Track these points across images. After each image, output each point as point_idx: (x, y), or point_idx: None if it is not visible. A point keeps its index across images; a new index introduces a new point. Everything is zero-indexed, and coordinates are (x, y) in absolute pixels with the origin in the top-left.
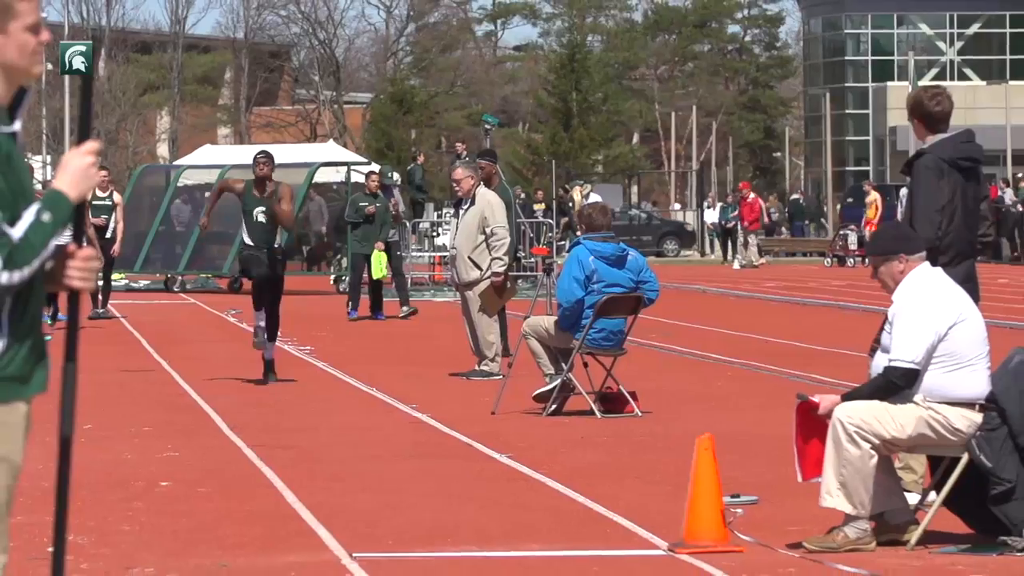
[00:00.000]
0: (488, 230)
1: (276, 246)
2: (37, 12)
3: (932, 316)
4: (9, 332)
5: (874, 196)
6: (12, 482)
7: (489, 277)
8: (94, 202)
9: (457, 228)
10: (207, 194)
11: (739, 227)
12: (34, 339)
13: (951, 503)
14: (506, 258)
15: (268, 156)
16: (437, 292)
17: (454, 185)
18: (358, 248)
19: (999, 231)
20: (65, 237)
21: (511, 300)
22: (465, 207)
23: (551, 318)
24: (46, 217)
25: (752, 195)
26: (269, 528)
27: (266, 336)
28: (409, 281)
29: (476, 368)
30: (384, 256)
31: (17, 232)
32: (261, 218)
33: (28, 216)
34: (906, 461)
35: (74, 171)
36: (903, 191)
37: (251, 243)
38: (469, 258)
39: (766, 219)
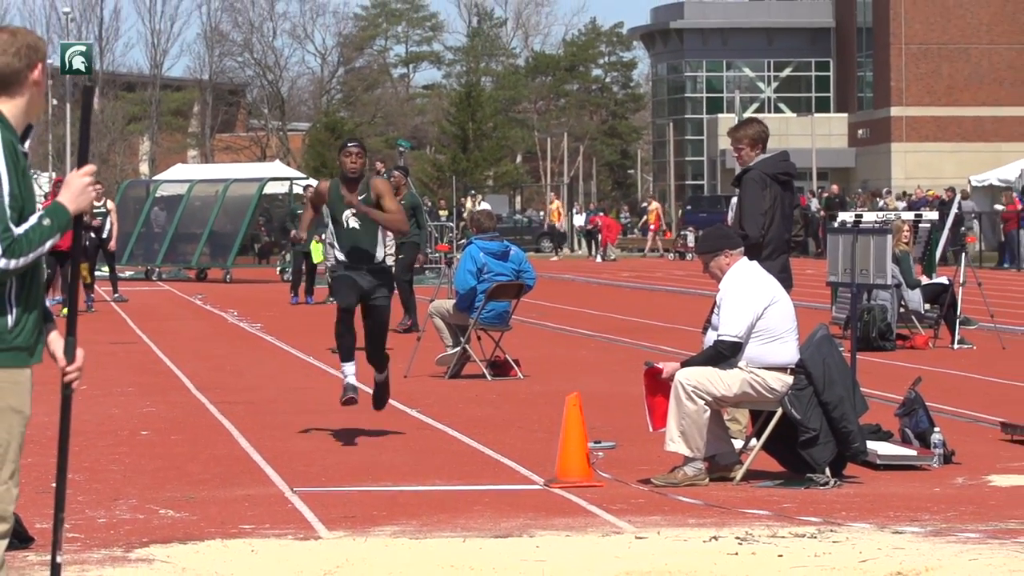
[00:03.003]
0: None
1: (378, 260)
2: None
3: (751, 299)
4: (17, 309)
5: (655, 206)
6: (23, 430)
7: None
8: (92, 210)
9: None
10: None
11: (599, 238)
12: (37, 316)
13: (768, 447)
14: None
15: (360, 146)
16: None
17: None
18: (297, 248)
19: (807, 232)
20: None
21: (419, 286)
22: None
23: (451, 301)
24: (46, 222)
25: (600, 218)
26: (227, 467)
27: (376, 372)
28: None
29: None
30: (320, 246)
31: (20, 230)
32: (353, 223)
33: (32, 219)
34: (733, 414)
35: (74, 189)
36: (733, 200)
37: (345, 259)
38: None
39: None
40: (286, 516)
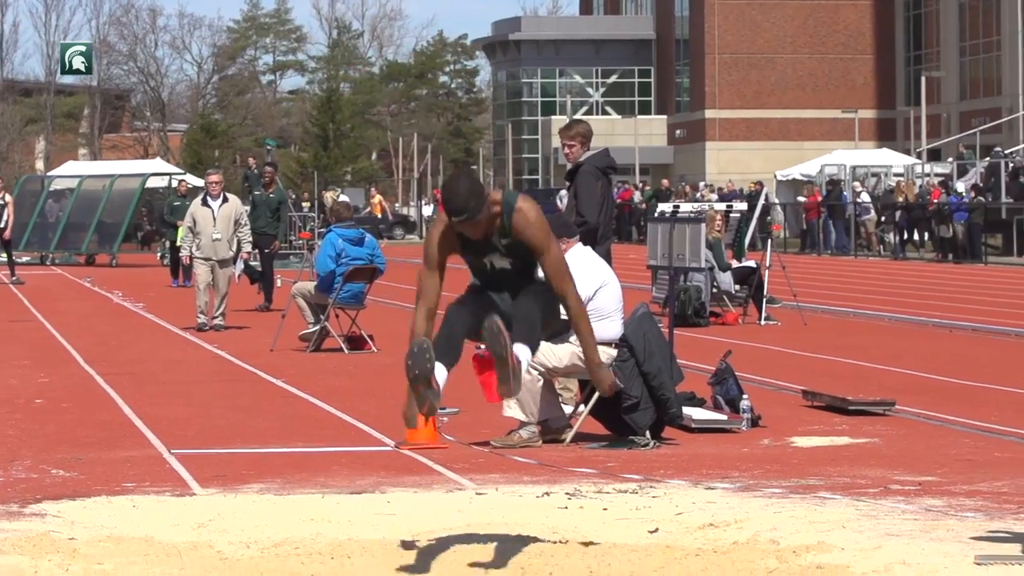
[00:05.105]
0: (242, 221)
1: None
2: None
3: (584, 282)
4: None
5: (378, 199)
6: None
7: (238, 255)
8: None
9: (215, 219)
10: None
11: None
12: None
13: (595, 413)
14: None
15: None
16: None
17: (213, 185)
18: (175, 236)
19: (630, 221)
20: None
21: (284, 269)
22: (218, 203)
23: (313, 283)
24: None
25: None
26: (111, 432)
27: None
28: None
29: (220, 323)
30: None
31: None
32: (502, 263)
33: None
34: (564, 383)
35: None
36: (562, 192)
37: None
38: (228, 240)
39: None
40: (164, 475)
